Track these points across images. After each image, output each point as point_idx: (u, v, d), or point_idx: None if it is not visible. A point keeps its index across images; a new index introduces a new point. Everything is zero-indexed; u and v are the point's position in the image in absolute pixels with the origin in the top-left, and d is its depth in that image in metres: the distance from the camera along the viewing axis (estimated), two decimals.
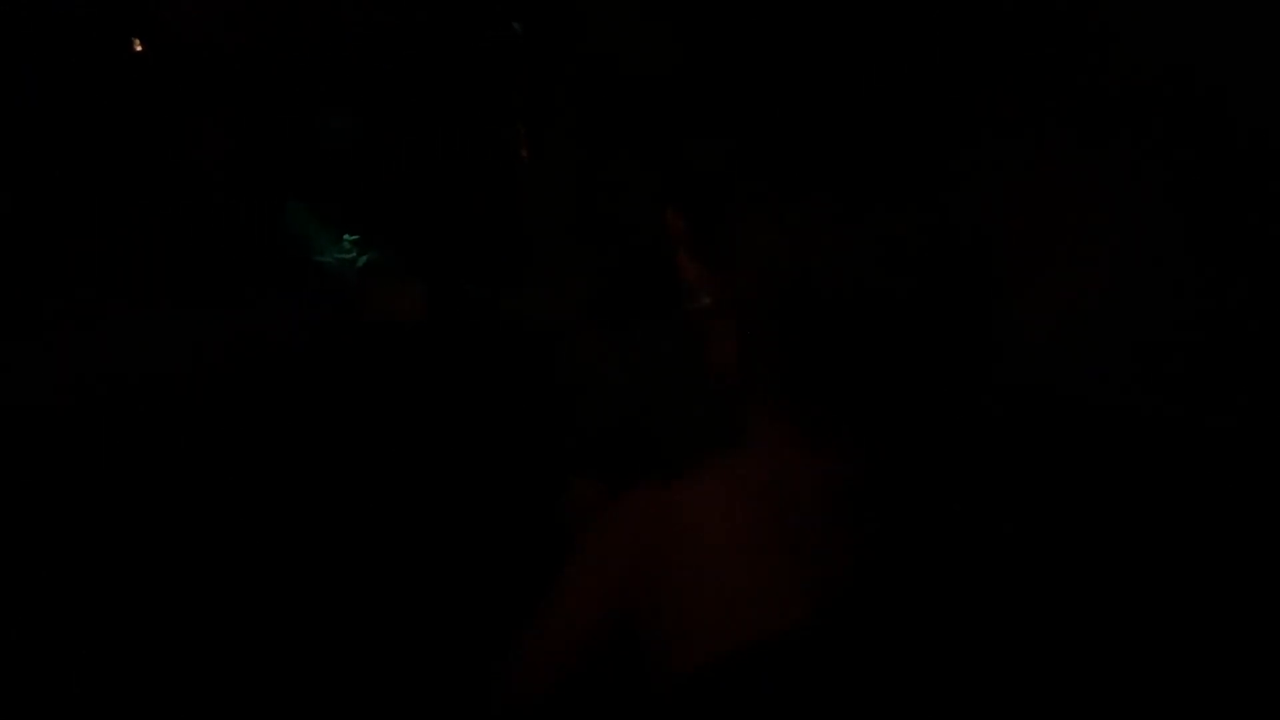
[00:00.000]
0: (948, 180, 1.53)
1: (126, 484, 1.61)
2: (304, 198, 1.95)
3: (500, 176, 1.97)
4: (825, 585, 0.87)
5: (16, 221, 1.80)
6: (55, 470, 1.59)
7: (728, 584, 0.88)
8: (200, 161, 1.91)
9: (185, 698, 1.42)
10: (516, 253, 1.88)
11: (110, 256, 1.82)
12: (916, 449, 0.94)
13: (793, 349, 0.91)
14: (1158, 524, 1.33)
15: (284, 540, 1.61)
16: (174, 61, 1.92)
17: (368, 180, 1.99)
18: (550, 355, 1.74)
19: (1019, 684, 0.90)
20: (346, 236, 1.95)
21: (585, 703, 0.91)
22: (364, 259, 1.95)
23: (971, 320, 0.93)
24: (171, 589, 1.53)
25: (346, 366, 1.75)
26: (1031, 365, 1.46)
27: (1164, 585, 1.28)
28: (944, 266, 0.91)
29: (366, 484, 1.67)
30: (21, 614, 1.45)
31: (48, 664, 1.42)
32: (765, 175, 1.65)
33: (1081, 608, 1.02)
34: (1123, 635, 1.14)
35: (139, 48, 1.88)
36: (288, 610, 1.52)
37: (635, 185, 1.76)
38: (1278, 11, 1.42)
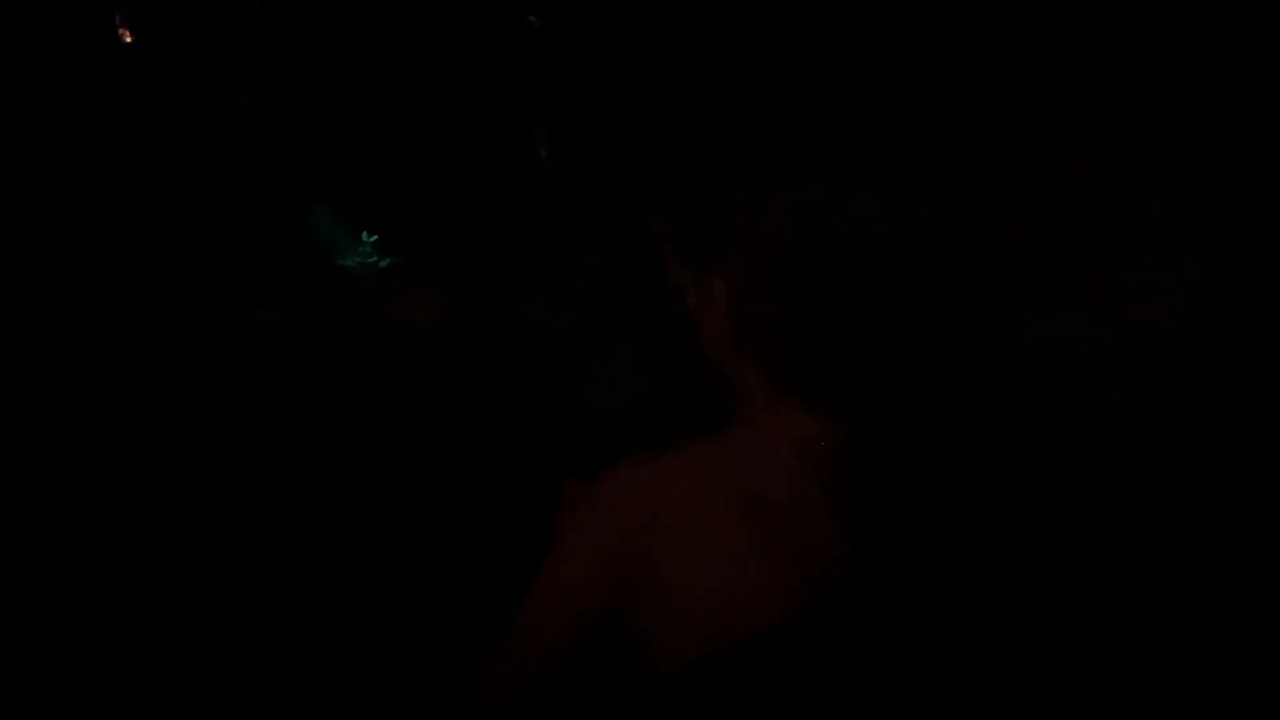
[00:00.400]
0: (951, 172, 1.53)
1: (126, 487, 1.61)
2: (326, 200, 1.95)
3: (519, 177, 1.97)
4: (811, 581, 0.86)
5: (16, 221, 1.80)
6: (53, 472, 1.59)
7: (712, 580, 0.87)
8: (214, 163, 1.91)
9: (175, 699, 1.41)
10: (535, 254, 1.88)
11: (113, 258, 1.82)
12: (908, 444, 0.93)
13: (786, 339, 0.91)
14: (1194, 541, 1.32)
15: (282, 539, 1.60)
16: (171, 59, 1.92)
17: (388, 182, 1.98)
18: (555, 356, 1.73)
19: (1007, 683, 0.89)
20: (367, 239, 1.96)
21: (573, 702, 0.90)
22: (385, 262, 1.95)
23: (963, 312, 0.92)
24: (173, 591, 1.52)
25: (357, 369, 1.75)
26: (1070, 377, 1.45)
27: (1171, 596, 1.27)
28: (936, 254, 0.91)
29: (371, 484, 1.67)
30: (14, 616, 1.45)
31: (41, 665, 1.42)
32: (766, 164, 1.65)
33: (1075, 610, 1.01)
34: (1126, 643, 1.13)
35: (136, 45, 1.88)
36: (282, 606, 1.51)
37: (637, 186, 1.76)
38: None
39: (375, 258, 1.94)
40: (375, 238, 1.94)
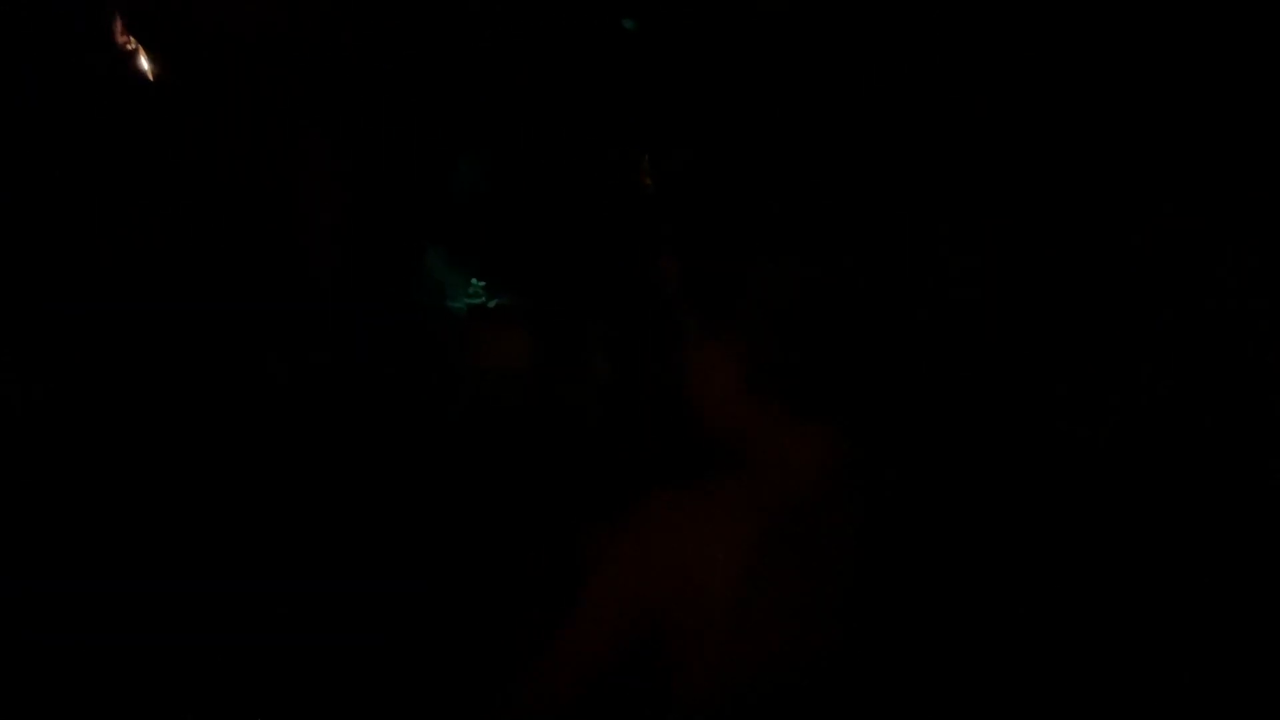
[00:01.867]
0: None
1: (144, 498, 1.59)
2: (438, 242, 1.94)
3: (623, 208, 1.94)
4: (844, 611, 0.88)
5: (16, 222, 1.76)
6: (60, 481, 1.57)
7: (752, 603, 0.88)
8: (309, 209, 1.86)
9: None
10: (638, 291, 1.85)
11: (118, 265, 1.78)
12: (934, 474, 0.96)
13: (803, 378, 0.94)
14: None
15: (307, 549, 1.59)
16: (175, 63, 1.88)
17: (497, 224, 1.96)
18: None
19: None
20: (477, 281, 1.95)
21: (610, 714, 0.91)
22: (494, 302, 1.95)
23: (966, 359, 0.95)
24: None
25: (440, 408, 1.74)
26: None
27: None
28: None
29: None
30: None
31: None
32: (787, 217, 1.67)
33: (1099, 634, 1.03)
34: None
35: (137, 47, 1.84)
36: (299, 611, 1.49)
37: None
38: None
39: (484, 299, 1.94)
40: (485, 281, 1.93)
